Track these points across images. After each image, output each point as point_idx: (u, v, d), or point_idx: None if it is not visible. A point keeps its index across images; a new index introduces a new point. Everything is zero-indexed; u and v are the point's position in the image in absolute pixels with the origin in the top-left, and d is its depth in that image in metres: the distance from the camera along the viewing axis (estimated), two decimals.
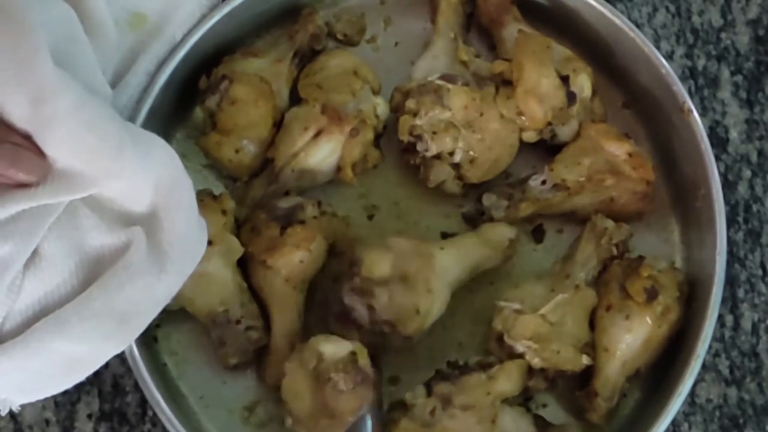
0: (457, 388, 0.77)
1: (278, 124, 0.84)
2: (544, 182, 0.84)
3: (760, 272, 0.89)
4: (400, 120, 0.83)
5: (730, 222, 0.83)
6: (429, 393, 0.77)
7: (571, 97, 0.83)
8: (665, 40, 0.93)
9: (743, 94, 0.92)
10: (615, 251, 0.83)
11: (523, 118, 0.83)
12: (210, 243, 0.76)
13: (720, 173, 0.81)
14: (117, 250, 0.70)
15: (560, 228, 0.86)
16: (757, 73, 0.92)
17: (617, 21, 0.84)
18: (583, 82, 0.83)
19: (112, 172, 0.67)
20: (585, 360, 0.79)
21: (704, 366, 0.78)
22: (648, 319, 0.79)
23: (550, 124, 0.83)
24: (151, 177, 0.69)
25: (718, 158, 0.82)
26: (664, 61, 0.83)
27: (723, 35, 0.93)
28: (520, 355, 0.78)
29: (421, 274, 0.79)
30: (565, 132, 0.84)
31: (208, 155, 0.85)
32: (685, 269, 0.85)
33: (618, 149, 0.83)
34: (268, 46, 0.88)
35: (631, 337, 0.79)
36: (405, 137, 0.83)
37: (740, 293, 0.88)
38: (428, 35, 0.88)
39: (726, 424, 0.86)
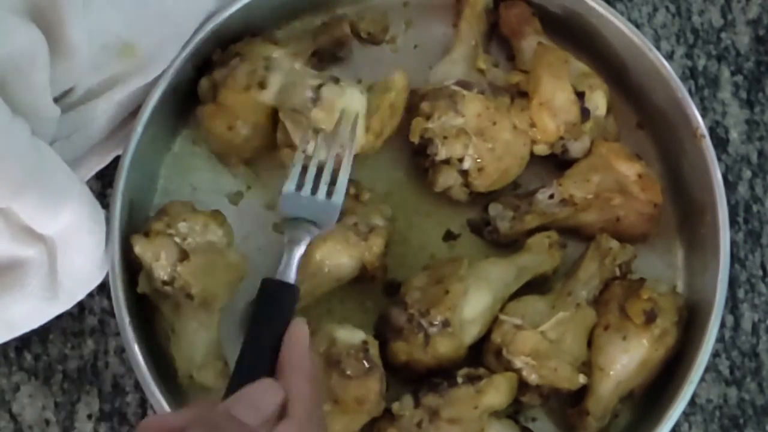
0: (444, 400, 0.76)
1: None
2: (551, 196, 0.84)
3: (760, 273, 0.89)
4: (412, 122, 0.83)
5: (731, 222, 0.83)
6: (416, 404, 0.77)
7: (585, 113, 0.82)
8: (665, 40, 0.93)
9: (743, 94, 0.92)
10: (618, 272, 0.82)
11: (536, 130, 0.82)
12: None
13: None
14: (17, 261, 0.75)
15: (564, 243, 0.86)
16: (757, 73, 0.92)
17: (636, 40, 0.83)
18: (598, 100, 0.83)
19: (11, 204, 0.71)
20: (582, 379, 0.78)
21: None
22: (645, 342, 0.78)
23: (562, 138, 0.83)
24: (55, 219, 0.73)
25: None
26: (680, 83, 0.82)
27: (723, 35, 0.93)
28: (517, 371, 0.78)
29: (453, 271, 0.79)
30: (576, 148, 0.84)
31: (202, 125, 0.85)
32: (686, 294, 0.84)
33: (628, 169, 0.83)
34: (291, 39, 0.88)
35: (627, 358, 0.79)
36: (416, 139, 0.83)
37: (740, 293, 0.88)
38: (448, 40, 0.88)
39: (726, 424, 0.86)
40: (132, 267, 0.79)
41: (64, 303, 0.77)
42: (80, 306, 0.84)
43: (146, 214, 0.84)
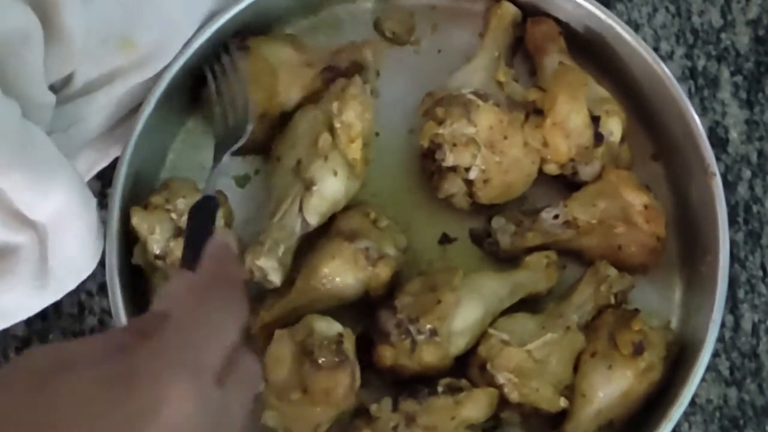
0: (422, 408, 0.76)
1: (276, 121, 0.84)
2: (556, 217, 0.83)
3: (760, 273, 0.88)
4: (424, 125, 0.83)
5: (731, 222, 0.83)
6: (395, 408, 0.77)
7: (598, 138, 0.82)
8: (665, 40, 0.92)
9: (743, 95, 0.91)
10: (613, 300, 0.82)
11: (547, 149, 0.82)
12: None
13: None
14: (7, 247, 0.75)
15: (564, 265, 0.85)
16: (757, 73, 0.92)
17: (658, 69, 0.83)
18: (614, 126, 0.82)
19: (2, 185, 0.70)
20: (562, 403, 0.78)
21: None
22: (629, 373, 0.78)
23: (573, 160, 0.83)
24: (44, 201, 0.72)
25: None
26: (697, 119, 0.82)
27: (723, 35, 0.92)
28: (499, 387, 0.78)
29: (447, 280, 0.79)
30: (587, 171, 0.84)
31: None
32: (679, 331, 0.84)
33: (635, 199, 0.82)
34: (314, 51, 0.87)
35: (610, 388, 0.78)
36: (426, 143, 0.83)
37: (740, 294, 0.88)
38: (471, 48, 0.88)
39: (726, 424, 0.86)
40: (130, 246, 0.79)
41: (56, 292, 0.77)
42: (80, 306, 0.84)
43: (152, 187, 0.84)
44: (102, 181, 0.86)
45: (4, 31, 0.70)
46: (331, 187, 0.79)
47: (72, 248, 0.76)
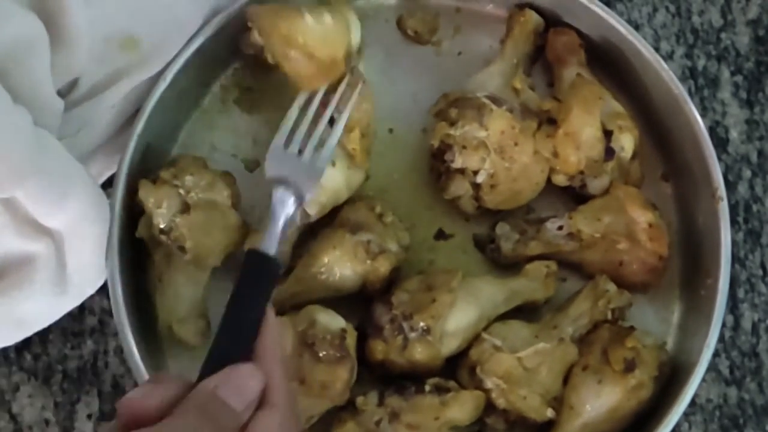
0: (408, 405, 0.76)
1: None
2: (560, 228, 0.83)
3: (760, 272, 0.88)
4: (436, 125, 0.83)
5: (731, 221, 0.82)
6: (380, 402, 0.77)
7: (608, 153, 0.82)
8: (665, 40, 0.92)
9: (743, 94, 0.91)
10: (610, 315, 0.81)
11: (557, 159, 0.82)
12: None
13: (730, 239, 0.81)
14: (24, 256, 0.74)
15: (565, 277, 0.85)
16: (757, 73, 0.92)
17: (675, 90, 0.82)
18: (626, 142, 0.82)
19: (15, 192, 0.70)
20: (549, 413, 0.78)
21: None
22: (619, 389, 0.77)
23: (582, 173, 0.82)
24: (60, 209, 0.72)
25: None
26: (709, 142, 0.81)
27: (723, 35, 0.92)
28: (487, 391, 0.78)
29: (444, 281, 0.79)
30: (595, 185, 0.83)
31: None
32: (675, 353, 0.83)
33: (640, 216, 0.82)
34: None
35: (598, 402, 0.78)
36: (436, 142, 0.83)
37: (740, 293, 0.88)
38: (492, 53, 0.88)
39: (726, 423, 0.86)
40: (132, 229, 0.80)
41: (74, 298, 0.76)
42: (80, 306, 0.83)
43: (162, 163, 0.85)
44: (102, 183, 0.85)
45: (10, 39, 0.70)
46: (329, 177, 0.79)
47: (89, 253, 0.75)
